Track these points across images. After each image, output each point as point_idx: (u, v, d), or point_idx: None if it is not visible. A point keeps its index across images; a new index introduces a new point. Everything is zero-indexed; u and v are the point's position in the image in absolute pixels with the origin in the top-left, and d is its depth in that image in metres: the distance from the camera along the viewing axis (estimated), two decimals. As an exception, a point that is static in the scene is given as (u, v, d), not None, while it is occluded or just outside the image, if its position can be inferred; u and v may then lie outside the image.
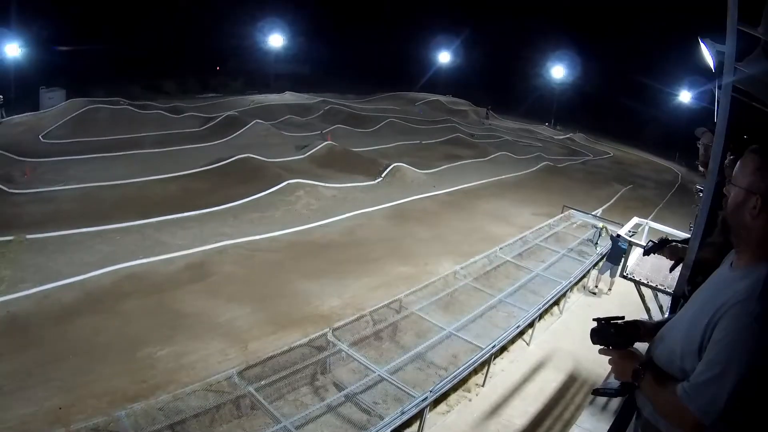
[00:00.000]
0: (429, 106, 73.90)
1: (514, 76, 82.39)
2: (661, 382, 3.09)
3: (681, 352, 3.06)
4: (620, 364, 3.37)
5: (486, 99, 79.12)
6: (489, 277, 21.89)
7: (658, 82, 68.86)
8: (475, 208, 32.39)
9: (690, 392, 2.82)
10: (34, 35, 52.20)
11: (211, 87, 70.12)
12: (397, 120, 58.79)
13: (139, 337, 16.88)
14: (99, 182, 30.55)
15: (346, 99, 70.04)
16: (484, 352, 15.29)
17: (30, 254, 21.72)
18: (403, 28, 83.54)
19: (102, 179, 31.00)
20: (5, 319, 17.42)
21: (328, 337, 15.31)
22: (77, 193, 29.08)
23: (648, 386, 3.16)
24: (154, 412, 12.58)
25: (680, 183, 55.68)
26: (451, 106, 75.65)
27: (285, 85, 71.08)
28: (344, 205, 30.07)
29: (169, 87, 66.38)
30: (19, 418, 13.20)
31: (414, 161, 39.93)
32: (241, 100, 61.57)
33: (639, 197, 44.00)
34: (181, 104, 55.28)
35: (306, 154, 40.02)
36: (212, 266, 22.22)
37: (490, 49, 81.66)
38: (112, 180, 31.04)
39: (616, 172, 53.41)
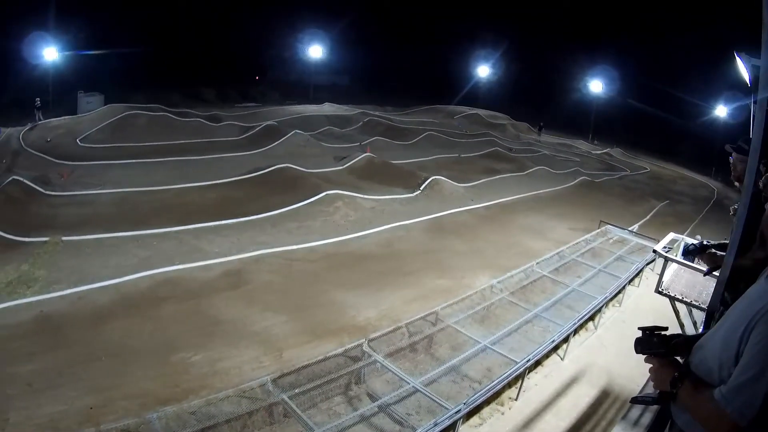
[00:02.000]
0: (468, 119, 73.92)
1: (552, 90, 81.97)
2: (698, 389, 3.19)
3: (718, 360, 3.15)
4: (660, 373, 3.49)
5: (526, 113, 79.08)
6: (525, 291, 21.62)
7: (695, 97, 68.65)
8: (512, 223, 32.21)
9: (727, 395, 2.91)
10: (72, 40, 53.56)
11: (250, 96, 71.12)
12: (435, 133, 58.84)
13: (174, 342, 16.95)
14: (136, 187, 30.89)
15: (385, 111, 70.42)
16: (519, 366, 15.16)
17: (65, 256, 22.01)
18: (442, 41, 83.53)
19: (140, 184, 31.34)
20: (38, 319, 17.63)
21: (364, 347, 15.30)
22: (114, 198, 29.47)
23: (686, 394, 3.26)
24: (185, 416, 12.53)
25: (716, 198, 55.14)
26: (489, 119, 75.58)
27: (324, 96, 71.76)
28: (382, 217, 30.02)
29: (209, 95, 67.57)
30: (49, 416, 13.25)
31: (452, 174, 39.73)
32: (280, 110, 62.34)
33: (675, 213, 43.51)
34: (220, 113, 56.00)
35: (345, 165, 40.09)
36: (249, 274, 22.24)
37: (529, 63, 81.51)
38: (150, 186, 31.34)
39: (652, 188, 52.81)
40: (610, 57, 77.07)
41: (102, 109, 48.67)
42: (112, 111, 47.27)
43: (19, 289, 19.29)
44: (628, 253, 26.84)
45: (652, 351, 3.58)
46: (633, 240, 28.37)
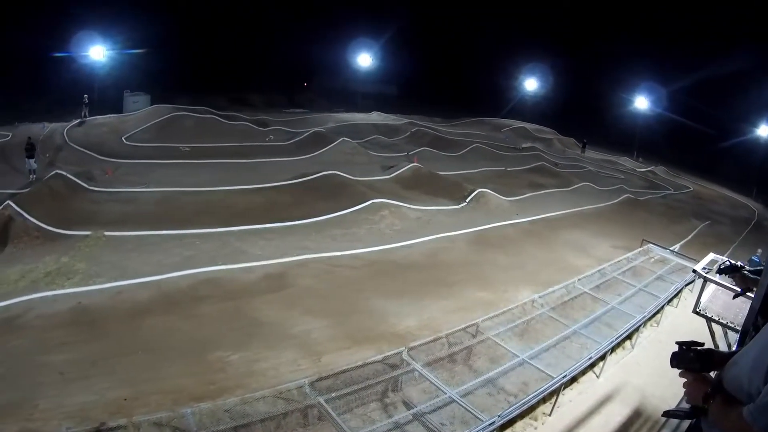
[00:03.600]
0: (514, 132, 73.90)
1: (599, 105, 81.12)
2: (729, 405, 3.31)
3: (749, 378, 3.26)
4: (694, 387, 3.64)
5: (574, 128, 78.42)
6: (566, 307, 21.36)
7: (738, 116, 68.45)
8: (555, 238, 31.88)
9: (754, 413, 3.05)
10: (120, 40, 54.66)
11: (298, 103, 71.93)
12: (482, 145, 58.75)
13: (212, 341, 16.95)
14: (181, 187, 31.31)
15: (433, 122, 70.56)
16: (555, 382, 14.98)
17: (107, 251, 22.30)
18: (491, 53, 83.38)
19: (184, 185, 31.75)
20: (75, 310, 17.82)
21: (403, 355, 15.29)
22: (158, 196, 29.85)
23: (717, 409, 3.40)
24: (220, 413, 12.64)
25: (756, 220, 54.47)
26: (536, 133, 75.47)
27: (372, 104, 72.41)
28: (427, 228, 29.89)
29: (256, 100, 68.27)
30: (79, 405, 13.30)
31: (498, 188, 39.43)
32: (327, 117, 62.90)
33: (715, 233, 42.69)
34: (268, 118, 56.86)
35: (392, 174, 40.12)
36: (292, 278, 22.18)
37: (577, 77, 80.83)
38: (195, 186, 31.77)
39: (694, 207, 51.81)
40: (656, 74, 77.06)
41: (148, 108, 49.79)
42: (158, 111, 48.33)
43: (57, 280, 19.52)
44: (668, 272, 26.53)
45: (687, 366, 3.75)
46: (674, 260, 28.07)
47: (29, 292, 18.53)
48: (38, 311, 17.52)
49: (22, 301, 17.96)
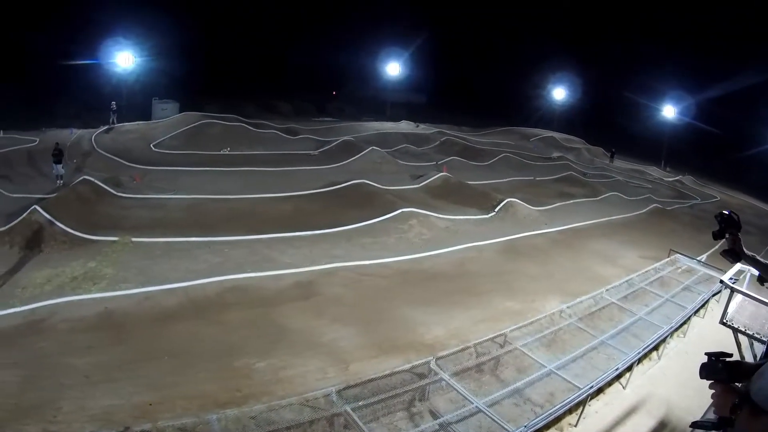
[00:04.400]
0: (543, 142, 73.63)
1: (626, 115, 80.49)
2: (755, 416, 3.34)
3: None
4: (721, 398, 3.67)
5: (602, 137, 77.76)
6: (593, 317, 21.28)
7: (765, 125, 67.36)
8: (584, 248, 31.63)
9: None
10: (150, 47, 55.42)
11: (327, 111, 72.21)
12: (511, 155, 58.56)
13: (239, 347, 16.95)
14: (210, 194, 31.52)
15: (462, 131, 70.46)
16: (581, 393, 15.16)
17: (134, 256, 22.45)
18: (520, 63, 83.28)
19: (213, 192, 31.98)
20: (102, 315, 17.94)
21: (431, 365, 15.37)
22: (186, 203, 30.06)
23: (744, 420, 3.41)
24: (245, 420, 12.72)
25: None
26: (564, 143, 74.96)
27: (401, 113, 72.46)
28: (456, 237, 29.76)
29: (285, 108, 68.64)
30: (103, 408, 13.35)
31: (527, 197, 39.24)
32: (357, 125, 63.12)
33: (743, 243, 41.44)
34: (297, 126, 57.15)
35: (421, 183, 40.11)
36: (320, 286, 22.15)
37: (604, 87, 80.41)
38: (223, 194, 31.96)
39: None
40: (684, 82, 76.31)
41: (177, 116, 50.33)
42: (187, 118, 48.81)
43: (84, 284, 19.64)
44: (695, 283, 26.36)
45: (715, 377, 3.78)
46: (701, 270, 27.88)
47: (55, 296, 18.66)
48: (64, 315, 17.64)
49: (48, 305, 18.07)
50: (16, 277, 20.10)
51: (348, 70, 76.04)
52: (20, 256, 21.91)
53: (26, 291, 19.05)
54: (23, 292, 18.96)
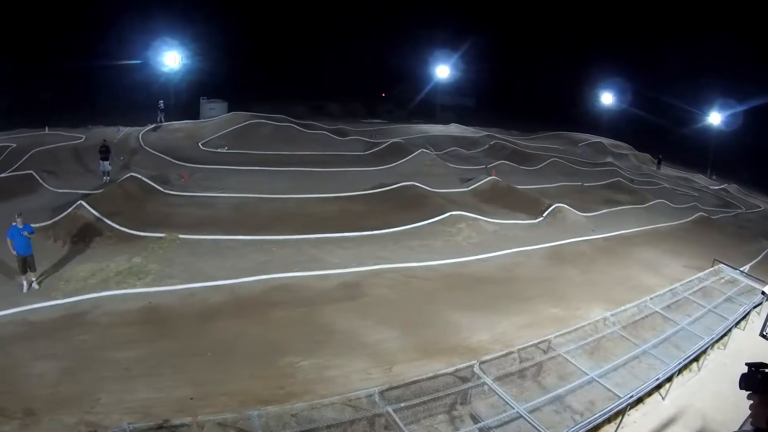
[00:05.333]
0: (591, 147, 72.59)
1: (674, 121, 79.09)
2: None
3: None
4: (759, 409, 3.80)
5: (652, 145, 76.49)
6: (636, 326, 20.95)
7: None
8: (629, 256, 31.06)
9: None
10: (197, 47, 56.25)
11: (376, 113, 72.78)
12: (560, 160, 58.03)
13: (283, 346, 16.96)
14: (258, 194, 31.78)
15: (511, 135, 70.29)
16: (621, 402, 15.00)
17: (180, 253, 22.74)
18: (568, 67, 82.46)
19: (261, 191, 32.21)
20: (145, 309, 18.15)
21: (475, 369, 15.32)
22: (234, 202, 30.34)
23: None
24: (287, 417, 12.86)
25: None
26: (612, 148, 73.75)
27: (450, 116, 72.44)
28: (504, 242, 29.42)
29: (334, 109, 69.29)
30: (142, 401, 13.45)
31: (574, 203, 38.62)
32: (406, 127, 63.28)
33: None
34: (346, 127, 57.54)
35: (470, 187, 39.81)
36: (367, 287, 22.06)
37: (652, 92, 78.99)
38: (272, 193, 32.15)
39: (765, 227, 49.37)
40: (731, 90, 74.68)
41: (226, 115, 51.21)
42: (235, 118, 49.56)
43: (128, 279, 19.90)
44: (737, 294, 25.79)
45: (754, 387, 3.93)
46: (744, 281, 27.29)
47: (99, 289, 18.92)
48: (107, 309, 17.86)
49: (91, 299, 18.34)
50: (59, 270, 20.46)
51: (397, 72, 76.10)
52: (64, 250, 22.31)
53: (69, 284, 19.34)
54: (66, 286, 19.27)
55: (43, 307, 17.79)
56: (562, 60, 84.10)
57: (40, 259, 19.79)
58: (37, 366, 14.62)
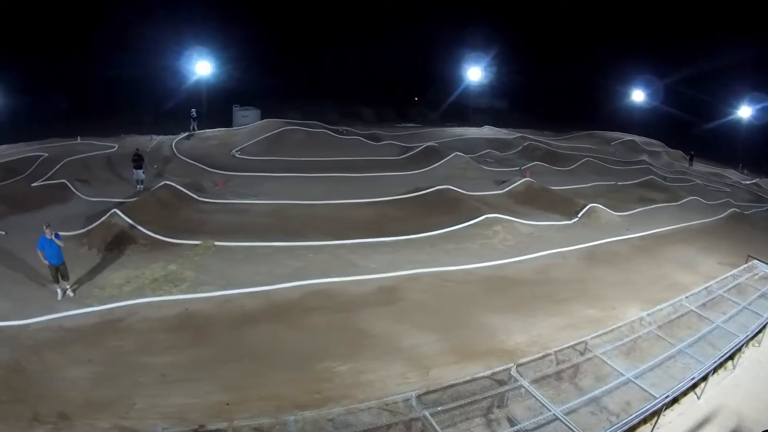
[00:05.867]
0: (624, 146, 71.92)
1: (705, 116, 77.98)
2: None
3: None
4: None
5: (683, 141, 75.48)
6: (672, 325, 20.74)
7: None
8: (663, 254, 30.61)
9: None
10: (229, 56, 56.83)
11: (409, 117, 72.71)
12: (593, 159, 57.54)
13: (320, 351, 16.97)
14: (293, 200, 31.96)
15: (544, 136, 69.83)
16: (656, 402, 15.01)
17: (216, 260, 22.88)
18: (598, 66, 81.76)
19: (296, 197, 32.40)
20: (182, 316, 18.33)
21: (512, 372, 15.25)
22: (269, 209, 30.49)
23: None
24: (323, 422, 12.93)
25: None
26: (645, 146, 73.03)
27: (483, 118, 72.19)
28: (539, 243, 29.24)
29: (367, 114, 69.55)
30: (177, 406, 13.55)
31: (608, 203, 38.28)
32: (439, 131, 63.27)
33: None
34: (380, 132, 57.64)
35: (504, 189, 39.64)
36: (403, 292, 22.01)
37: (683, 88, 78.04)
38: (306, 199, 32.31)
39: None
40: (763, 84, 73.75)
41: (259, 122, 51.63)
42: (269, 125, 50.03)
43: (164, 286, 20.06)
44: None
45: None
46: None
47: (134, 296, 19.14)
48: (143, 315, 18.04)
49: (127, 305, 18.55)
50: (94, 278, 20.72)
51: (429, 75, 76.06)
52: (98, 258, 22.57)
53: (104, 291, 19.57)
54: (101, 292, 19.49)
55: (78, 314, 18.03)
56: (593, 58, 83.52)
57: (74, 266, 20.09)
58: (71, 371, 14.80)
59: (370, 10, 75.01)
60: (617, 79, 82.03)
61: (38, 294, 19.34)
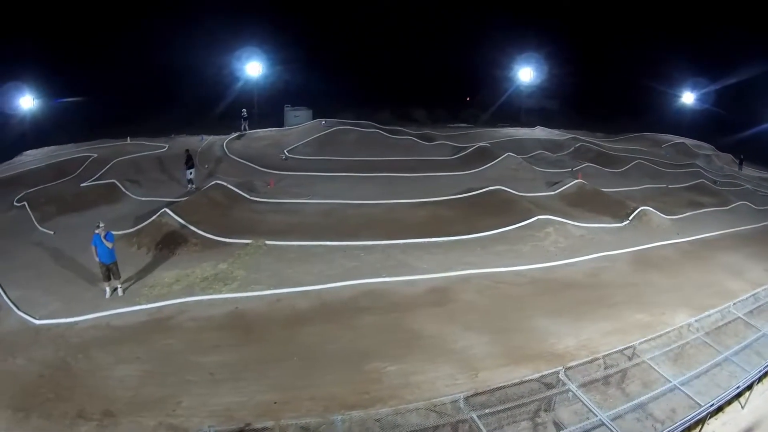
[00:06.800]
0: (674, 148, 70.22)
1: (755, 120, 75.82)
2: None
3: None
4: None
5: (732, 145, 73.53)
6: (719, 332, 20.39)
7: None
8: (712, 260, 29.78)
9: None
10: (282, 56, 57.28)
11: (461, 117, 72.47)
12: (644, 162, 56.53)
13: (370, 351, 16.94)
14: (345, 200, 32.08)
15: (595, 137, 68.90)
16: (701, 411, 14.89)
17: (267, 259, 23.07)
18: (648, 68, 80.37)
19: (348, 197, 32.54)
20: (232, 315, 18.47)
21: (560, 375, 15.33)
22: (322, 208, 30.66)
23: None
24: (370, 422, 12.99)
25: None
26: (696, 149, 71.22)
27: (534, 119, 71.75)
28: (590, 246, 28.83)
29: (419, 115, 69.64)
30: (225, 405, 13.65)
31: (658, 206, 37.44)
32: (491, 131, 62.94)
33: None
34: (433, 132, 57.43)
35: (556, 191, 39.22)
36: (454, 293, 21.85)
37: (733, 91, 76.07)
38: (359, 199, 32.42)
39: None
40: None
41: (311, 122, 52.05)
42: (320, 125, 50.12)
43: (214, 285, 20.24)
44: None
45: None
46: None
47: (184, 295, 19.38)
48: (192, 314, 18.23)
49: (176, 304, 18.80)
50: (144, 277, 21.08)
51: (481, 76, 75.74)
52: (148, 257, 22.98)
53: (154, 290, 19.85)
54: (150, 291, 19.80)
55: (126, 312, 18.37)
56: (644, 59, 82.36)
57: (123, 266, 20.40)
58: (118, 369, 15.07)
59: (421, 12, 75.05)
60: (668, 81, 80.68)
61: (87, 293, 19.73)
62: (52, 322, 17.63)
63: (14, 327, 17.63)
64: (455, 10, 78.57)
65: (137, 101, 52.44)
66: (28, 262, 22.89)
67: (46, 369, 15.13)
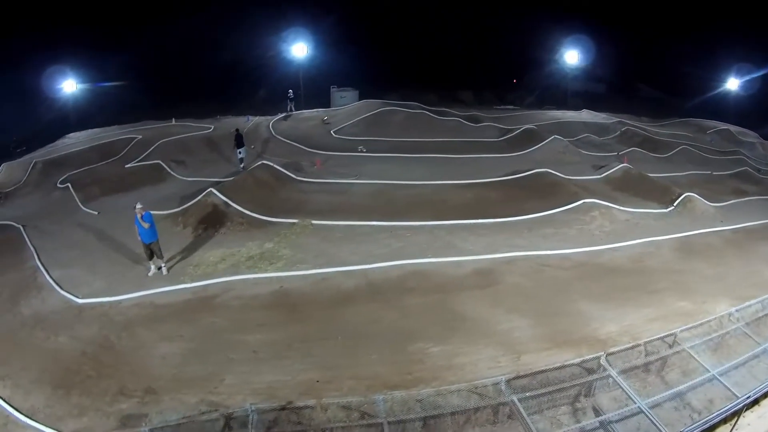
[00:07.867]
0: (719, 135, 68.88)
1: None
2: None
3: None
4: None
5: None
6: (759, 323, 19.85)
7: None
8: (754, 249, 28.87)
9: None
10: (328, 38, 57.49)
11: (507, 99, 71.99)
12: (689, 148, 55.52)
13: (415, 332, 16.91)
14: (392, 180, 32.07)
15: (641, 122, 67.86)
16: (738, 402, 14.47)
17: (314, 239, 23.17)
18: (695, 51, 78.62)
19: (395, 178, 32.48)
20: (277, 293, 18.55)
21: (601, 360, 15.20)
22: (368, 189, 30.64)
23: None
24: (412, 402, 13.01)
25: None
26: (740, 137, 69.58)
27: (580, 102, 71.12)
28: (635, 231, 28.34)
29: (466, 97, 69.19)
30: (267, 383, 13.74)
31: (702, 192, 36.50)
32: (538, 114, 62.52)
33: None
34: (480, 114, 57.09)
35: (602, 175, 38.57)
36: (500, 275, 21.67)
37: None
38: (406, 180, 32.37)
39: None
40: None
41: (357, 103, 52.22)
42: (368, 106, 50.34)
43: (260, 264, 20.35)
44: None
45: None
46: None
47: (229, 274, 19.55)
48: (237, 292, 18.36)
49: (221, 282, 18.99)
50: (189, 256, 21.34)
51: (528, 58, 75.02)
52: (194, 236, 23.28)
53: (198, 269, 20.09)
54: (195, 270, 20.05)
55: (170, 290, 18.61)
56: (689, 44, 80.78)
57: (169, 245, 20.83)
58: (162, 347, 15.30)
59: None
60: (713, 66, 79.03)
61: (130, 272, 20.07)
62: (95, 300, 17.95)
63: (57, 306, 17.99)
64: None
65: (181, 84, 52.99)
66: (72, 242, 23.41)
67: (88, 347, 15.45)
